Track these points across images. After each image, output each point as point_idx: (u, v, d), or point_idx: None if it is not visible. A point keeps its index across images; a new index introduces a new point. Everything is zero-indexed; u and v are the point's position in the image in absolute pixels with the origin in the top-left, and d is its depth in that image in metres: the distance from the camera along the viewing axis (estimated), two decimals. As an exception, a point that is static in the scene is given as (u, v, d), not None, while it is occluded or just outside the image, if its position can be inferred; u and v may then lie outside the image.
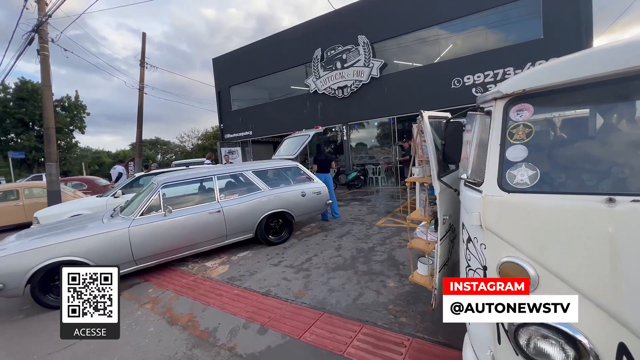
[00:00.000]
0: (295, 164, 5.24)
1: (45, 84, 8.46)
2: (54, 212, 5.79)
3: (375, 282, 3.16)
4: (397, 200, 8.05)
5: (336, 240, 4.70)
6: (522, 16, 8.83)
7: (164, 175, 4.53)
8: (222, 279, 3.67)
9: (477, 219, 1.29)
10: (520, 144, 1.23)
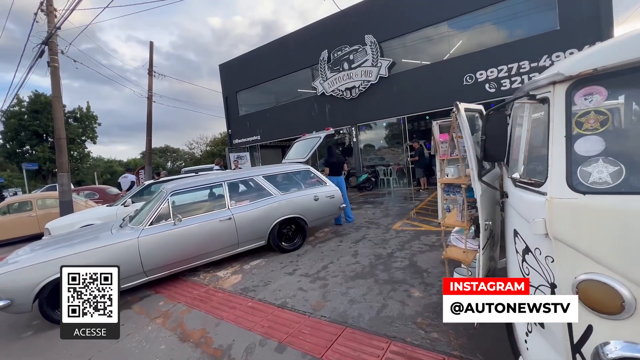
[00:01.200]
0: (306, 167, 5.06)
1: (56, 95, 8.54)
2: (65, 223, 5.74)
3: (399, 291, 2.94)
4: (410, 202, 7.79)
5: (352, 246, 4.49)
6: (536, 7, 8.51)
7: (173, 182, 4.41)
8: (235, 289, 3.50)
9: (542, 227, 1.07)
10: (594, 135, 1.02)
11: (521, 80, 8.39)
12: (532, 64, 8.23)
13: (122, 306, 3.45)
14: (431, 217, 5.76)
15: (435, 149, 3.45)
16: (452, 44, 9.99)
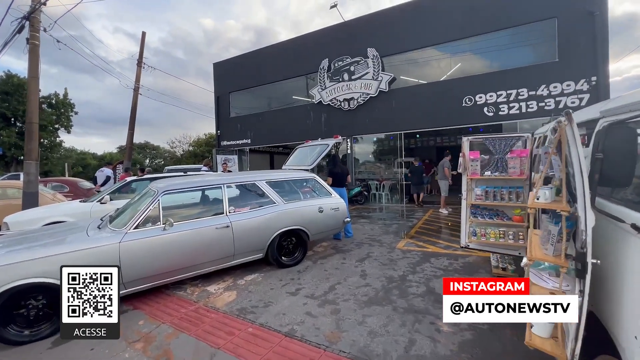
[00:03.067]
0: (312, 175, 4.70)
1: (33, 75, 7.75)
2: (29, 218, 5.03)
3: (424, 323, 2.60)
4: (407, 219, 7.57)
5: (358, 265, 4.13)
6: (537, 38, 8.78)
7: (165, 181, 3.91)
8: (231, 310, 3.03)
9: None
10: None
11: (519, 106, 8.54)
12: (530, 92, 8.40)
13: (91, 323, 2.89)
14: (434, 237, 5.53)
15: (465, 166, 3.21)
16: (454, 66, 10.12)
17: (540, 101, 8.29)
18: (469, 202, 3.15)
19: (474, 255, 4.34)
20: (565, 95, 8.02)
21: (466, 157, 3.18)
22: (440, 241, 5.20)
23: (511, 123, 8.79)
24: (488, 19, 8.96)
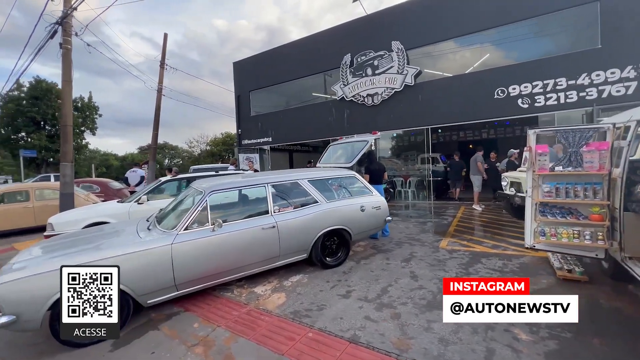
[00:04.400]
0: (352, 173, 4.56)
1: (66, 79, 7.95)
2: (71, 219, 5.13)
3: (498, 331, 2.42)
4: (440, 216, 7.32)
5: (405, 266, 3.97)
6: (576, 24, 8.28)
7: (208, 180, 3.87)
8: (284, 313, 2.95)
9: None
10: None
11: (557, 97, 8.09)
12: (570, 81, 7.93)
13: (146, 325, 2.89)
14: (477, 235, 5.29)
15: (531, 161, 2.99)
16: (483, 56, 9.71)
17: (580, 91, 7.82)
18: (537, 200, 2.92)
19: (527, 255, 4.10)
20: (610, 84, 7.53)
21: (533, 151, 2.95)
22: (485, 240, 4.96)
23: (548, 115, 8.34)
24: (522, 6, 8.51)
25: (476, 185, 8.24)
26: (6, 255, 5.74)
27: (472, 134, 16.29)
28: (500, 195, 6.44)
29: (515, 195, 5.63)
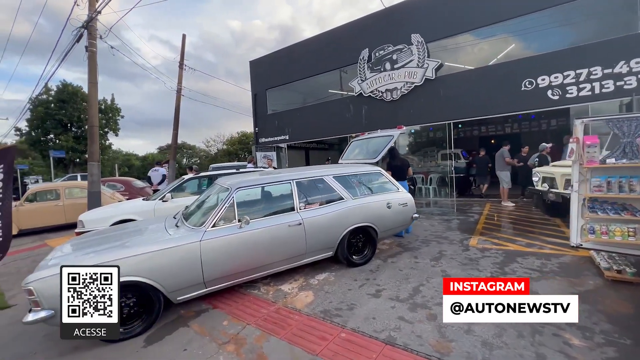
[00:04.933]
0: (377, 169, 4.43)
1: (92, 81, 8.18)
2: (100, 216, 5.26)
3: (547, 336, 2.26)
4: (464, 214, 7.05)
5: (435, 265, 3.82)
6: (612, 8, 7.76)
7: (234, 177, 3.84)
8: (313, 312, 2.87)
9: None
10: None
11: (591, 87, 7.63)
12: (606, 70, 7.45)
13: (176, 322, 2.89)
14: (508, 233, 5.04)
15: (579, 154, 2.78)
16: (508, 47, 9.30)
17: (618, 80, 7.33)
18: (586, 195, 2.71)
19: (567, 254, 3.85)
20: (651, 71, 7.01)
21: (581, 143, 2.74)
22: (517, 238, 4.72)
23: (581, 106, 7.87)
24: (552, -8, 8.06)
25: (504, 182, 7.90)
26: (40, 251, 5.98)
27: (494, 129, 15.67)
28: (532, 191, 6.14)
29: (548, 191, 5.35)
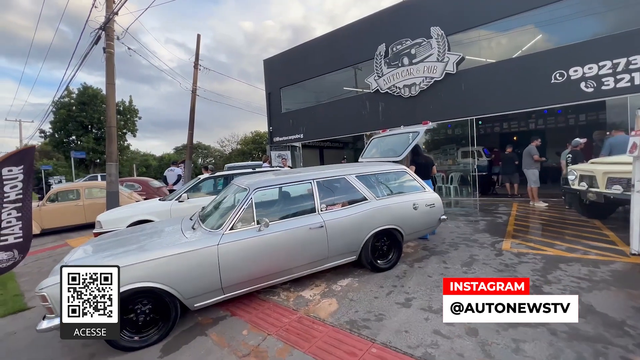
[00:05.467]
0: (402, 167, 4.17)
1: (110, 82, 8.24)
2: (117, 217, 5.22)
3: (613, 358, 1.95)
4: (491, 214, 6.66)
5: (467, 271, 3.53)
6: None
7: (252, 177, 3.67)
8: (339, 322, 2.66)
9: None
10: None
11: (630, 78, 7.06)
12: (646, 58, 6.87)
13: (193, 329, 2.73)
14: (544, 237, 4.66)
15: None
16: (535, 37, 8.78)
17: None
18: (652, 196, 2.39)
19: (617, 260, 3.48)
20: (700, 59, 6.41)
21: None
22: (555, 242, 4.35)
23: (619, 99, 7.31)
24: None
25: (532, 180, 7.43)
26: (60, 250, 6.02)
27: (517, 125, 14.99)
28: (567, 190, 5.70)
29: (587, 191, 4.92)
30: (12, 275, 4.57)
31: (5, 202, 3.95)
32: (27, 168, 4.19)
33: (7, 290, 4.12)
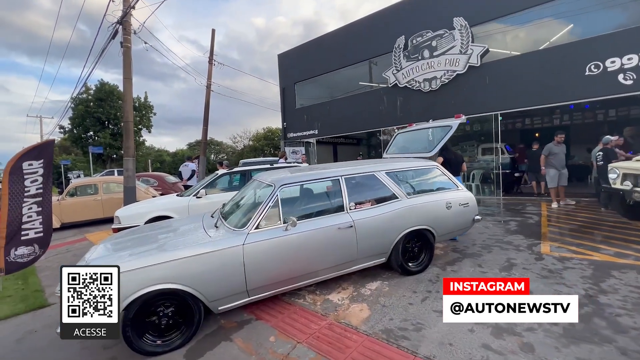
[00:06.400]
0: (434, 164, 3.90)
1: (127, 76, 8.21)
2: (136, 212, 5.14)
3: None
4: (519, 214, 6.31)
5: (507, 277, 3.26)
6: None
7: (276, 173, 3.49)
8: (373, 331, 2.45)
9: None
10: None
11: (675, 69, 6.53)
12: (695, 47, 6.33)
13: (217, 334, 2.58)
14: (585, 240, 4.32)
15: None
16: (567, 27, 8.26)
17: None
18: None
19: (678, 269, 3.14)
20: None
21: None
22: (600, 245, 4.01)
23: (661, 92, 6.78)
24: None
25: (547, 180, 7.02)
26: (79, 245, 6.02)
27: (540, 121, 14.34)
28: (607, 190, 5.30)
29: (633, 190, 4.55)
30: (33, 270, 4.55)
31: (26, 197, 3.91)
32: (47, 162, 4.14)
33: (28, 285, 4.09)
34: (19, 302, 3.56)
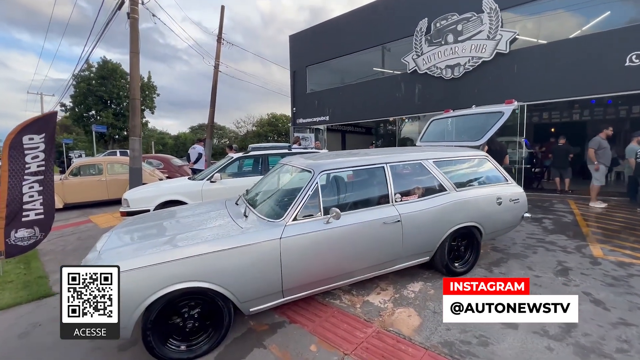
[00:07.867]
0: (483, 154, 3.50)
1: (134, 50, 7.70)
2: (146, 195, 4.78)
3: None
4: (552, 212, 5.93)
5: (567, 283, 2.90)
6: None
7: (311, 157, 3.09)
8: (431, 343, 2.11)
9: None
10: None
11: None
12: None
13: (247, 337, 2.25)
14: (629, 242, 3.96)
15: None
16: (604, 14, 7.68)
17: None
18: None
19: None
20: None
21: None
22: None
23: None
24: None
25: (594, 177, 6.61)
26: (84, 227, 5.69)
27: (558, 115, 13.80)
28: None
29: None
30: (35, 253, 4.23)
31: (26, 174, 3.53)
32: (49, 136, 3.73)
33: (30, 271, 3.76)
34: (21, 289, 3.23)
